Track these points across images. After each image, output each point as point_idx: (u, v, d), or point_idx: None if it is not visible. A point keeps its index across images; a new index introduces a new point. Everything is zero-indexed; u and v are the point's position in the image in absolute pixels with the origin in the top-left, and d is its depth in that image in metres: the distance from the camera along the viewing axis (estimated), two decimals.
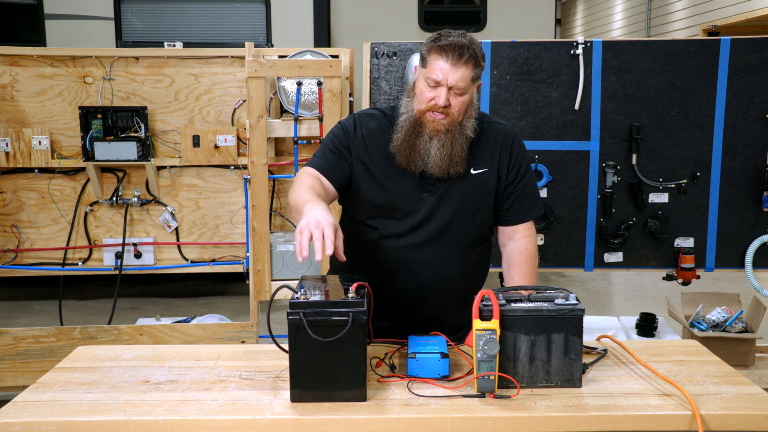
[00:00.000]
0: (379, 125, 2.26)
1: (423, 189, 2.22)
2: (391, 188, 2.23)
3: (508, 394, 1.81)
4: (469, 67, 2.11)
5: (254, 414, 1.73)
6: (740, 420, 1.73)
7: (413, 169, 2.19)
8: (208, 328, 4.03)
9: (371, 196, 2.24)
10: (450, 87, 2.11)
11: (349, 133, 2.27)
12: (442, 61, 2.10)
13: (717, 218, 3.79)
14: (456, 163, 2.18)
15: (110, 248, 4.34)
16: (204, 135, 4.20)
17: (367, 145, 2.25)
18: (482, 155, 2.26)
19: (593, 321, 4.12)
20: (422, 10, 6.81)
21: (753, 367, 3.76)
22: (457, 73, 2.10)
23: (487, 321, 1.82)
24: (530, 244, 2.32)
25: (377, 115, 2.31)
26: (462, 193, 2.23)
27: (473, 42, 2.13)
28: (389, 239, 2.25)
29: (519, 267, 2.30)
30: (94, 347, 2.20)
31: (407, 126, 2.18)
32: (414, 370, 1.92)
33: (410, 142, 2.17)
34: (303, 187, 2.11)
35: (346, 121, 2.31)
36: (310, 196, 2.04)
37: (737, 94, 3.72)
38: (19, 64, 4.16)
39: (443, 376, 1.92)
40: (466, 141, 2.20)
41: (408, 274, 2.25)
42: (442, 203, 2.23)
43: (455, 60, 2.09)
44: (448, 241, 2.26)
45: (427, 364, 1.92)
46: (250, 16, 6.15)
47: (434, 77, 2.11)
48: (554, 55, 3.74)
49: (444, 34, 2.14)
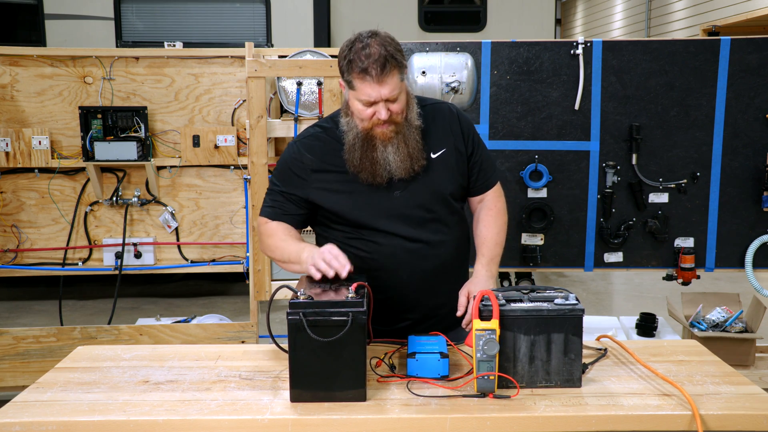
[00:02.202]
0: (323, 145, 2.26)
1: (392, 188, 2.23)
2: (361, 199, 2.23)
3: (508, 394, 1.81)
4: (395, 74, 2.08)
5: (254, 414, 1.73)
6: (740, 420, 1.73)
7: (380, 181, 2.19)
8: (208, 328, 4.03)
9: (345, 212, 2.25)
10: (385, 100, 2.09)
11: (295, 171, 2.24)
12: (367, 83, 2.06)
13: (717, 218, 3.78)
14: (417, 158, 2.20)
15: (110, 248, 4.34)
16: (204, 135, 4.20)
17: (320, 170, 2.24)
18: (435, 137, 2.27)
19: (593, 321, 4.12)
20: (422, 10, 6.82)
21: (753, 367, 3.76)
22: (386, 87, 2.07)
23: (487, 321, 1.83)
24: (498, 202, 2.38)
25: (318, 133, 2.29)
26: (430, 180, 2.25)
27: (387, 45, 2.07)
28: (383, 243, 2.25)
29: (485, 220, 2.35)
30: (94, 347, 2.20)
31: (359, 143, 2.17)
32: (414, 370, 1.92)
33: (369, 157, 2.17)
34: (280, 239, 2.21)
35: (289, 156, 2.27)
36: (296, 243, 2.17)
37: (737, 94, 3.72)
38: (19, 64, 4.16)
39: (443, 376, 1.92)
40: (417, 131, 2.20)
41: (410, 270, 2.26)
42: (414, 196, 2.24)
43: (379, 76, 2.05)
44: (435, 228, 2.27)
45: (426, 364, 1.92)
46: (250, 16, 6.15)
47: (366, 98, 2.09)
48: (554, 55, 3.73)
49: (355, 50, 2.07)
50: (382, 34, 2.10)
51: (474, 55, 3.71)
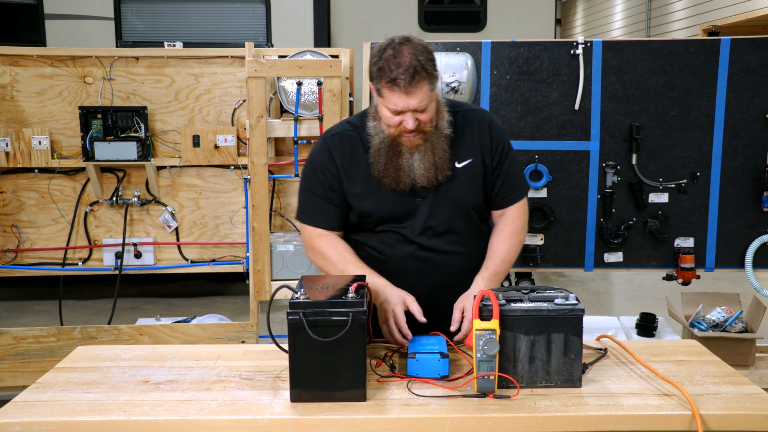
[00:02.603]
0: (352, 144, 2.24)
1: (415, 195, 2.22)
2: (382, 201, 2.22)
3: (508, 394, 1.81)
4: (424, 85, 2.04)
5: (254, 414, 1.73)
6: (740, 420, 1.73)
7: (402, 188, 2.19)
8: (208, 328, 4.03)
9: (366, 212, 2.25)
10: (413, 110, 2.07)
11: (329, 169, 2.24)
12: (395, 93, 2.03)
13: (717, 218, 3.78)
14: (442, 168, 2.18)
15: (110, 248, 4.34)
16: (204, 135, 4.20)
17: (346, 168, 2.23)
18: (464, 146, 2.24)
19: (593, 321, 4.11)
20: (422, 10, 6.81)
21: (753, 367, 3.76)
22: (415, 99, 2.04)
23: (487, 321, 1.83)
24: (518, 220, 2.32)
25: (347, 131, 2.27)
26: (453, 189, 2.23)
27: (419, 54, 2.03)
28: (397, 246, 2.26)
29: (498, 235, 2.29)
30: (94, 347, 2.20)
31: (385, 149, 2.16)
32: (414, 370, 1.92)
33: (394, 164, 2.16)
34: (340, 264, 2.21)
35: (319, 155, 2.27)
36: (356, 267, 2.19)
37: (737, 94, 3.72)
38: (19, 64, 4.16)
39: (443, 376, 1.92)
40: (445, 140, 2.18)
41: (421, 277, 2.26)
42: (436, 204, 2.23)
43: (407, 87, 2.01)
44: (453, 238, 2.26)
45: (427, 364, 1.92)
46: (250, 16, 6.15)
47: (394, 108, 2.07)
48: (554, 55, 3.73)
49: (386, 58, 2.03)
50: (414, 42, 2.06)
51: (474, 55, 3.71)
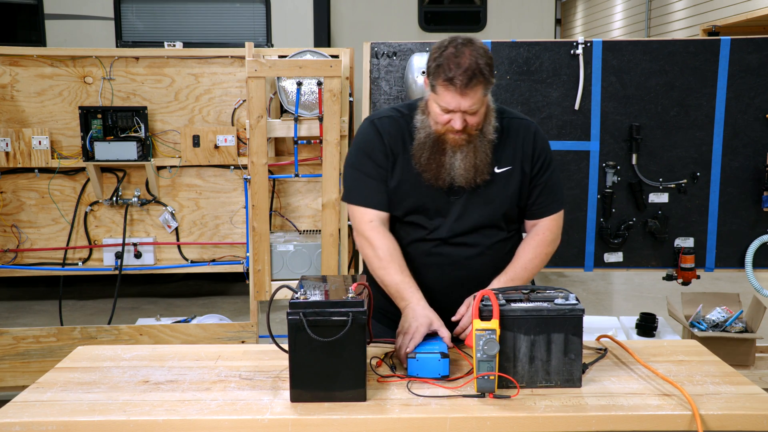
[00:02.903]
0: (398, 128, 2.25)
1: (450, 193, 2.23)
2: (419, 195, 2.23)
3: (508, 394, 1.81)
4: (479, 89, 2.05)
5: (254, 414, 1.73)
6: (740, 420, 1.73)
7: (441, 185, 2.19)
8: (208, 328, 4.03)
9: (400, 200, 2.25)
10: (464, 111, 2.08)
11: (378, 147, 2.23)
12: (450, 92, 2.04)
13: (717, 218, 3.78)
14: (481, 171, 2.18)
15: (110, 248, 4.34)
16: (204, 135, 4.20)
17: (392, 149, 2.24)
18: (506, 153, 2.24)
19: (593, 321, 4.11)
20: (422, 10, 6.81)
21: (753, 367, 3.76)
22: (467, 100, 2.05)
23: (487, 321, 1.83)
24: (549, 232, 2.30)
25: (395, 116, 2.27)
26: (488, 193, 2.23)
27: (479, 58, 2.04)
28: (421, 240, 2.26)
29: (526, 243, 2.29)
30: (94, 347, 2.20)
31: (429, 144, 2.17)
32: (414, 370, 1.92)
33: (436, 160, 2.17)
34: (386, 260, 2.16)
35: (368, 135, 2.26)
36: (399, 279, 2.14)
37: (737, 94, 3.72)
38: (19, 64, 4.16)
39: (443, 376, 1.92)
40: (489, 145, 2.19)
41: (440, 273, 2.25)
42: (469, 204, 2.23)
43: (463, 88, 2.03)
44: (478, 240, 2.26)
45: (427, 364, 1.92)
46: (250, 16, 6.15)
47: (445, 106, 2.08)
48: (554, 55, 3.73)
49: (447, 56, 2.04)
50: (476, 44, 2.07)
51: None
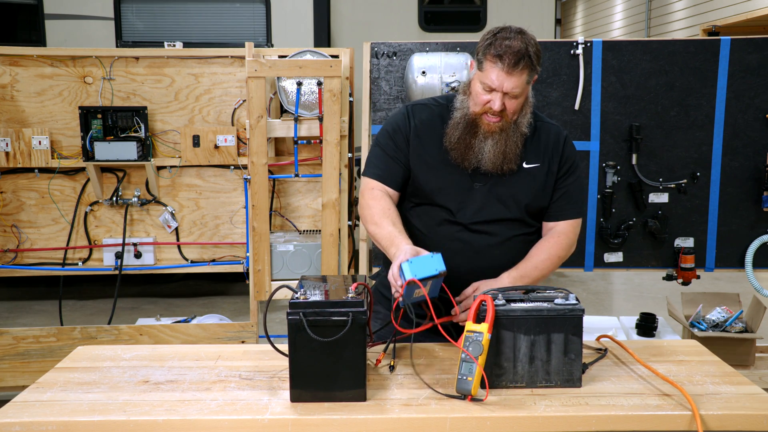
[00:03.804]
0: (431, 116, 2.30)
1: (475, 180, 2.26)
2: (443, 177, 2.26)
3: (481, 397, 1.79)
4: (525, 73, 2.11)
5: (254, 414, 1.73)
6: (740, 420, 1.73)
7: (467, 166, 2.23)
8: (208, 328, 4.03)
9: (424, 184, 2.28)
10: (505, 93, 2.12)
11: (402, 129, 2.30)
12: (497, 68, 2.09)
13: (717, 218, 3.78)
14: (510, 160, 2.21)
15: (110, 248, 4.34)
16: (204, 135, 4.20)
17: (420, 135, 2.29)
18: (535, 151, 2.28)
19: (593, 321, 4.11)
20: (422, 10, 6.81)
21: (753, 367, 3.76)
22: (512, 81, 2.10)
23: (479, 324, 1.82)
24: (564, 237, 2.30)
25: (431, 104, 2.34)
26: (513, 185, 2.26)
27: (529, 45, 2.11)
28: (442, 225, 2.29)
29: (541, 244, 2.30)
30: (94, 347, 2.20)
31: (463, 124, 2.21)
32: (412, 272, 1.90)
33: (466, 141, 2.21)
34: (377, 216, 2.20)
35: (398, 117, 2.34)
36: (388, 227, 2.16)
37: (737, 94, 3.72)
38: (19, 64, 4.16)
39: (441, 271, 1.91)
40: (520, 137, 2.22)
41: (460, 260, 2.26)
42: (492, 194, 2.26)
43: (510, 68, 2.08)
44: (500, 230, 2.28)
45: (421, 264, 1.91)
46: (250, 16, 6.15)
47: (489, 83, 2.12)
48: (554, 55, 3.73)
49: (499, 37, 2.11)
50: (528, 35, 2.13)
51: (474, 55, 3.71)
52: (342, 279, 2.06)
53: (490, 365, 1.85)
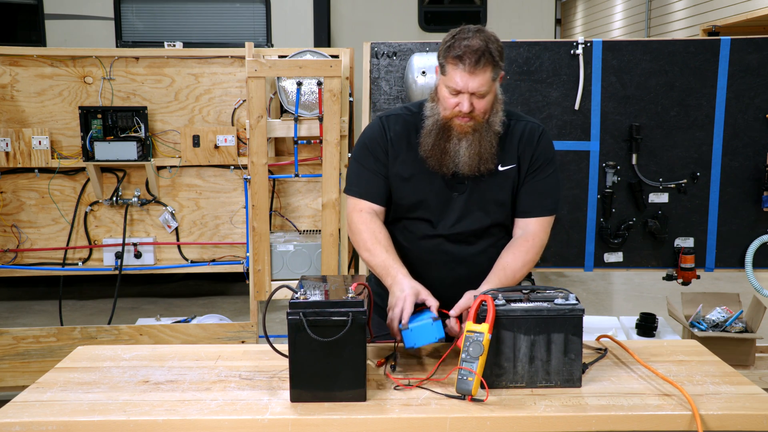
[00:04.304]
0: (405, 127, 2.28)
1: (452, 189, 2.24)
2: (420, 190, 2.25)
3: (481, 397, 1.79)
4: (488, 70, 2.09)
5: (254, 414, 1.73)
6: (740, 420, 1.73)
7: (445, 171, 2.21)
8: (208, 328, 4.03)
9: (403, 196, 2.27)
10: (472, 93, 2.11)
11: (380, 142, 2.27)
12: (459, 70, 2.08)
13: (717, 218, 3.78)
14: (486, 159, 2.19)
15: (110, 248, 4.34)
16: (204, 135, 4.20)
17: (395, 147, 2.26)
18: (509, 152, 2.26)
19: (593, 321, 4.11)
20: (422, 10, 6.81)
21: (753, 367, 3.76)
22: (476, 80, 2.09)
23: (479, 324, 1.82)
24: (536, 238, 2.24)
25: (404, 114, 2.31)
26: (491, 191, 2.24)
27: (489, 41, 2.10)
28: (423, 239, 2.28)
29: (514, 249, 2.23)
30: (94, 347, 2.20)
31: (435, 130, 2.19)
32: (411, 341, 1.92)
33: (441, 146, 2.19)
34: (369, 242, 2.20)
35: (373, 131, 2.30)
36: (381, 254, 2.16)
37: (737, 94, 3.72)
38: (19, 64, 4.16)
39: (440, 338, 1.92)
40: (494, 136, 2.20)
41: (445, 270, 2.26)
42: (472, 201, 2.24)
43: (472, 67, 2.07)
44: (482, 237, 2.27)
45: (422, 332, 1.92)
46: (250, 16, 6.15)
47: (454, 86, 2.11)
48: (554, 55, 3.73)
49: (458, 38, 2.10)
50: (488, 32, 2.13)
51: None
52: (342, 279, 2.06)
53: (490, 365, 1.85)
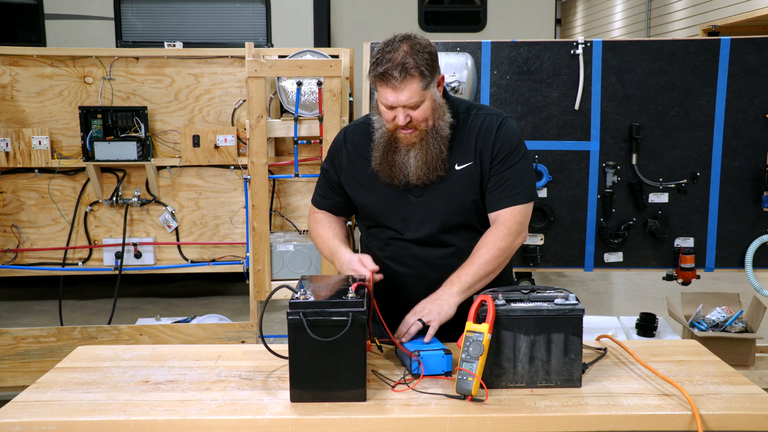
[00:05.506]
0: (363, 137, 2.29)
1: (410, 192, 2.24)
2: (380, 197, 2.26)
3: (481, 397, 1.79)
4: (414, 82, 2.05)
5: (254, 414, 1.73)
6: (740, 420, 1.73)
7: (396, 183, 2.21)
8: (208, 328, 4.03)
9: (364, 208, 2.31)
10: (404, 106, 2.09)
11: (336, 157, 2.35)
12: (385, 88, 2.07)
13: (717, 218, 3.78)
14: (434, 168, 2.17)
15: (110, 248, 4.34)
16: (204, 135, 4.20)
17: (352, 158, 2.29)
18: (465, 149, 2.21)
19: (593, 321, 4.11)
20: (422, 10, 6.82)
21: (753, 367, 3.76)
22: (403, 94, 2.06)
23: (479, 324, 1.82)
24: (507, 224, 2.18)
25: (366, 123, 2.32)
26: (449, 191, 2.22)
27: (411, 53, 2.04)
28: (392, 244, 2.29)
29: (483, 242, 2.18)
30: (94, 347, 2.20)
31: (383, 143, 2.19)
32: (418, 368, 1.92)
33: (389, 159, 2.19)
34: (318, 234, 2.37)
35: (336, 143, 2.37)
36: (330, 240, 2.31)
37: (737, 94, 3.72)
38: (19, 64, 4.16)
39: (446, 372, 1.92)
40: (442, 141, 2.17)
41: (417, 274, 2.27)
42: (431, 204, 2.23)
43: (395, 83, 2.05)
44: (452, 240, 2.26)
45: (431, 361, 1.92)
46: (250, 16, 6.15)
47: (384, 103, 2.11)
48: (554, 55, 3.73)
49: (383, 51, 2.07)
50: (414, 40, 2.08)
51: (474, 55, 3.71)
52: (342, 279, 2.06)
53: (490, 365, 1.85)
